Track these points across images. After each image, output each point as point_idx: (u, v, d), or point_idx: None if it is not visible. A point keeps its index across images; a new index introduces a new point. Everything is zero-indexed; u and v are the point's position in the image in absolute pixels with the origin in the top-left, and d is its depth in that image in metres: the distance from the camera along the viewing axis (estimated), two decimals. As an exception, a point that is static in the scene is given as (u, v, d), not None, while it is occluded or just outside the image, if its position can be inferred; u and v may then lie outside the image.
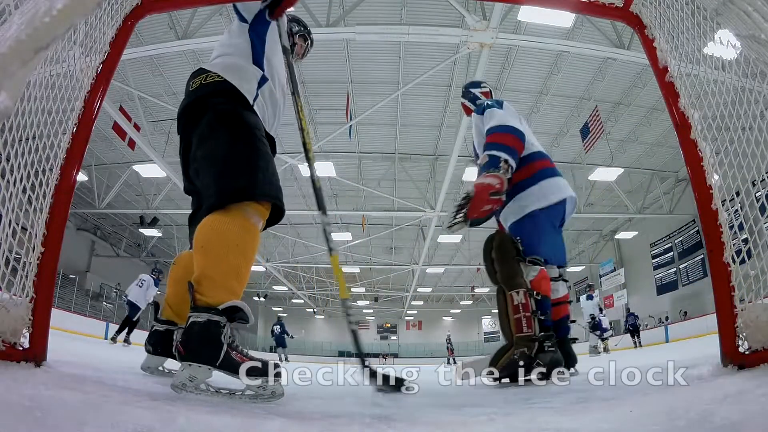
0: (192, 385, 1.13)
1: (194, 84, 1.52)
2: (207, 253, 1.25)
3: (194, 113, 1.47)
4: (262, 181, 1.34)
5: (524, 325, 2.01)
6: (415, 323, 35.28)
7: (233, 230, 1.27)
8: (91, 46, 1.57)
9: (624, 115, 11.19)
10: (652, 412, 0.89)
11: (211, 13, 7.77)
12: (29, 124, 1.33)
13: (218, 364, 1.16)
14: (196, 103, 1.48)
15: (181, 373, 1.14)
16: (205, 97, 1.47)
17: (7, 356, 1.17)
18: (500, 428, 0.85)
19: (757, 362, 1.19)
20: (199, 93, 1.48)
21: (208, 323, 1.17)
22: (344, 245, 18.85)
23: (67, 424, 0.70)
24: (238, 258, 1.28)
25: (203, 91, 1.48)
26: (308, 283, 24.96)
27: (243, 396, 1.16)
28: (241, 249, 1.29)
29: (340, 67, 9.57)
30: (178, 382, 1.14)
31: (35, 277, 1.29)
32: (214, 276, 1.23)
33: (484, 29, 6.82)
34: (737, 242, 1.33)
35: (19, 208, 1.29)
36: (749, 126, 1.32)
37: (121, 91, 9.31)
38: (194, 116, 1.47)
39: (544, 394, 1.47)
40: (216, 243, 1.26)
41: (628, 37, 7.78)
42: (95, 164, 12.65)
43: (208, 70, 1.53)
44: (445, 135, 11.75)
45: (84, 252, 18.49)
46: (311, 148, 1.79)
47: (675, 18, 1.57)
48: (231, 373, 1.17)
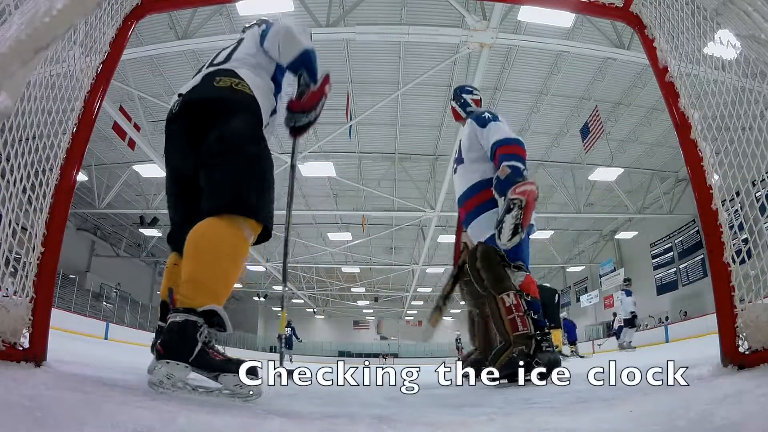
0: (169, 382, 1.14)
1: (221, 82, 1.50)
2: (202, 256, 1.27)
3: (217, 110, 1.46)
4: (266, 205, 1.41)
5: (519, 323, 2.07)
6: (415, 323, 35.24)
7: (230, 239, 1.31)
8: (91, 46, 1.57)
9: (624, 115, 11.18)
10: (652, 412, 0.89)
11: (211, 13, 7.77)
12: (29, 124, 1.34)
13: (191, 360, 1.16)
14: (222, 102, 1.48)
15: (159, 371, 1.15)
16: (234, 103, 1.48)
17: (7, 356, 1.17)
18: (500, 428, 0.85)
19: (757, 362, 1.19)
20: (227, 95, 1.48)
21: (185, 323, 1.19)
22: (344, 245, 18.85)
23: (67, 424, 0.70)
24: (229, 265, 1.31)
25: (233, 96, 1.49)
26: (308, 283, 24.96)
27: (220, 394, 1.18)
28: (233, 257, 1.32)
29: (340, 67, 9.56)
30: (156, 379, 1.14)
31: (35, 277, 1.30)
32: (204, 279, 1.25)
33: (484, 29, 6.82)
34: (737, 242, 1.33)
35: (19, 208, 1.29)
36: (749, 126, 1.32)
37: (121, 91, 9.30)
38: (216, 113, 1.46)
39: (544, 394, 1.47)
40: (213, 247, 1.28)
41: (628, 37, 7.77)
42: (95, 164, 12.64)
43: (240, 76, 1.54)
44: (445, 135, 11.75)
45: (84, 252, 18.49)
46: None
47: (675, 18, 1.57)
48: (204, 371, 1.19)
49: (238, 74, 1.55)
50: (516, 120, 11.47)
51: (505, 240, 2.04)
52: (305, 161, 11.29)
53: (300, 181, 13.33)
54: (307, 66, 1.66)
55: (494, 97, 10.56)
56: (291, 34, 1.65)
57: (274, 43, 1.66)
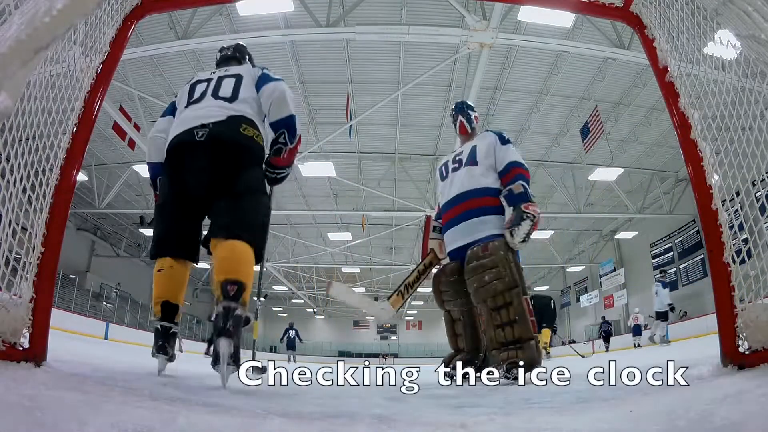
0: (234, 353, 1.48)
1: (247, 131, 1.82)
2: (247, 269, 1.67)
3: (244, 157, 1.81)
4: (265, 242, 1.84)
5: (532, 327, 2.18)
6: (415, 323, 35.29)
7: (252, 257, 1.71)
8: (91, 46, 1.58)
9: (624, 115, 11.18)
10: (652, 412, 0.89)
11: (211, 13, 7.77)
12: (29, 124, 1.34)
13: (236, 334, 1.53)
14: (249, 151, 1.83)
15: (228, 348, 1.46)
16: (256, 154, 1.86)
17: (7, 356, 1.17)
18: (500, 428, 0.85)
19: (757, 362, 1.19)
20: (252, 145, 1.84)
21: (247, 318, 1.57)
22: (344, 245, 18.86)
23: (67, 424, 0.70)
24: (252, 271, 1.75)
25: (255, 147, 1.85)
26: (308, 283, 24.97)
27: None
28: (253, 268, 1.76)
29: (340, 67, 9.56)
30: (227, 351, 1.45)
31: (35, 277, 1.30)
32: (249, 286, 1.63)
33: (484, 29, 6.82)
34: (737, 242, 1.33)
35: (19, 208, 1.29)
36: (749, 126, 1.32)
37: (121, 91, 9.30)
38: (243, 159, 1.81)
39: (544, 394, 1.47)
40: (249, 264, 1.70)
41: (628, 37, 7.77)
42: (95, 164, 12.65)
43: (258, 129, 1.88)
44: (445, 135, 11.75)
45: (84, 252, 18.49)
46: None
47: (675, 18, 1.57)
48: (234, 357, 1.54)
49: (258, 126, 1.88)
50: (516, 120, 11.48)
51: (518, 240, 2.27)
52: (305, 161, 11.29)
53: (300, 180, 13.33)
54: (289, 129, 1.94)
55: (494, 97, 10.57)
56: (284, 98, 1.92)
57: (267, 100, 1.92)
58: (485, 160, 2.57)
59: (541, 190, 14.33)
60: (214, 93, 1.90)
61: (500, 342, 2.17)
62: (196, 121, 1.79)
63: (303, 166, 11.44)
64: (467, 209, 2.52)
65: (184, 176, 1.81)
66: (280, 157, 1.96)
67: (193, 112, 1.85)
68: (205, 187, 1.77)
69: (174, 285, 1.85)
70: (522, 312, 2.17)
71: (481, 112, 10.84)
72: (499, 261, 2.25)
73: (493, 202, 2.49)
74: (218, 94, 1.89)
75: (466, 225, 2.50)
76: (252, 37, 7.72)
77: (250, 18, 7.80)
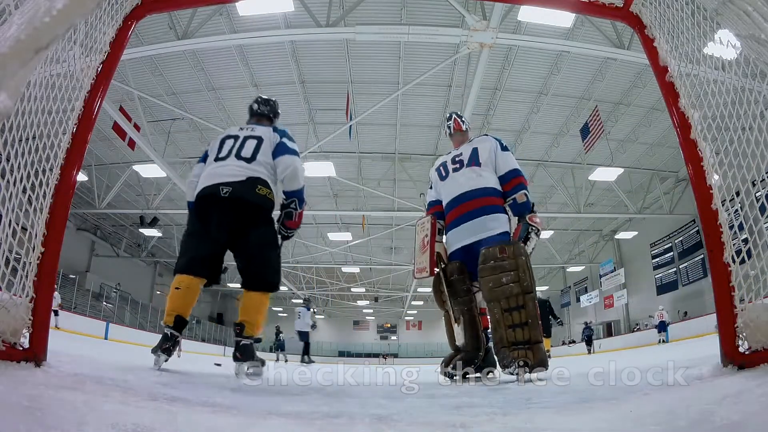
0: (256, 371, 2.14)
1: (260, 190, 2.25)
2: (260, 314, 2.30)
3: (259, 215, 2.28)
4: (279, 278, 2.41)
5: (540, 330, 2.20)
6: (415, 323, 35.29)
7: (267, 305, 2.35)
8: (91, 46, 1.57)
9: (624, 115, 11.18)
10: (652, 412, 0.89)
11: (211, 13, 7.77)
12: (29, 124, 1.33)
13: (255, 358, 2.20)
14: (263, 210, 2.29)
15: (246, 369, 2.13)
16: (269, 212, 2.32)
17: (7, 356, 1.17)
18: (500, 428, 0.85)
19: (757, 362, 1.19)
20: (266, 204, 2.29)
21: (252, 344, 2.25)
22: (344, 245, 18.85)
23: (67, 424, 0.70)
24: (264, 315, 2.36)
25: (269, 206, 2.31)
26: (308, 283, 24.96)
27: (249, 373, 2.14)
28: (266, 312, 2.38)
29: (340, 67, 9.56)
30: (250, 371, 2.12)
31: (35, 277, 1.29)
32: (260, 324, 2.29)
33: (484, 29, 6.81)
34: (737, 242, 1.33)
35: (19, 208, 1.29)
36: (749, 126, 1.32)
37: (121, 91, 9.30)
38: (258, 216, 2.27)
39: (544, 394, 1.47)
40: (263, 309, 2.31)
41: (628, 37, 7.77)
42: (95, 164, 12.64)
43: (272, 190, 2.32)
44: (444, 135, 11.73)
45: (84, 252, 18.49)
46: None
47: (675, 18, 1.57)
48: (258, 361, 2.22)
49: (270, 186, 2.31)
50: (516, 120, 11.48)
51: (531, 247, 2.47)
52: (305, 161, 11.28)
53: (300, 181, 13.29)
54: (299, 198, 2.45)
55: (494, 97, 10.57)
56: (295, 174, 2.38)
57: (281, 173, 2.36)
58: (487, 162, 2.65)
59: (541, 190, 14.34)
60: (237, 153, 2.32)
61: (511, 341, 2.17)
62: (221, 179, 2.23)
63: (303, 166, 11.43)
64: (477, 207, 2.56)
65: (209, 223, 2.23)
66: (293, 221, 2.48)
67: (219, 169, 2.28)
68: (226, 233, 2.23)
69: (187, 303, 2.17)
70: (534, 316, 2.20)
71: (481, 112, 10.84)
72: (519, 265, 2.26)
73: (497, 202, 2.56)
74: (240, 155, 2.32)
75: (477, 222, 2.53)
76: (252, 37, 7.72)
77: (250, 18, 7.80)
